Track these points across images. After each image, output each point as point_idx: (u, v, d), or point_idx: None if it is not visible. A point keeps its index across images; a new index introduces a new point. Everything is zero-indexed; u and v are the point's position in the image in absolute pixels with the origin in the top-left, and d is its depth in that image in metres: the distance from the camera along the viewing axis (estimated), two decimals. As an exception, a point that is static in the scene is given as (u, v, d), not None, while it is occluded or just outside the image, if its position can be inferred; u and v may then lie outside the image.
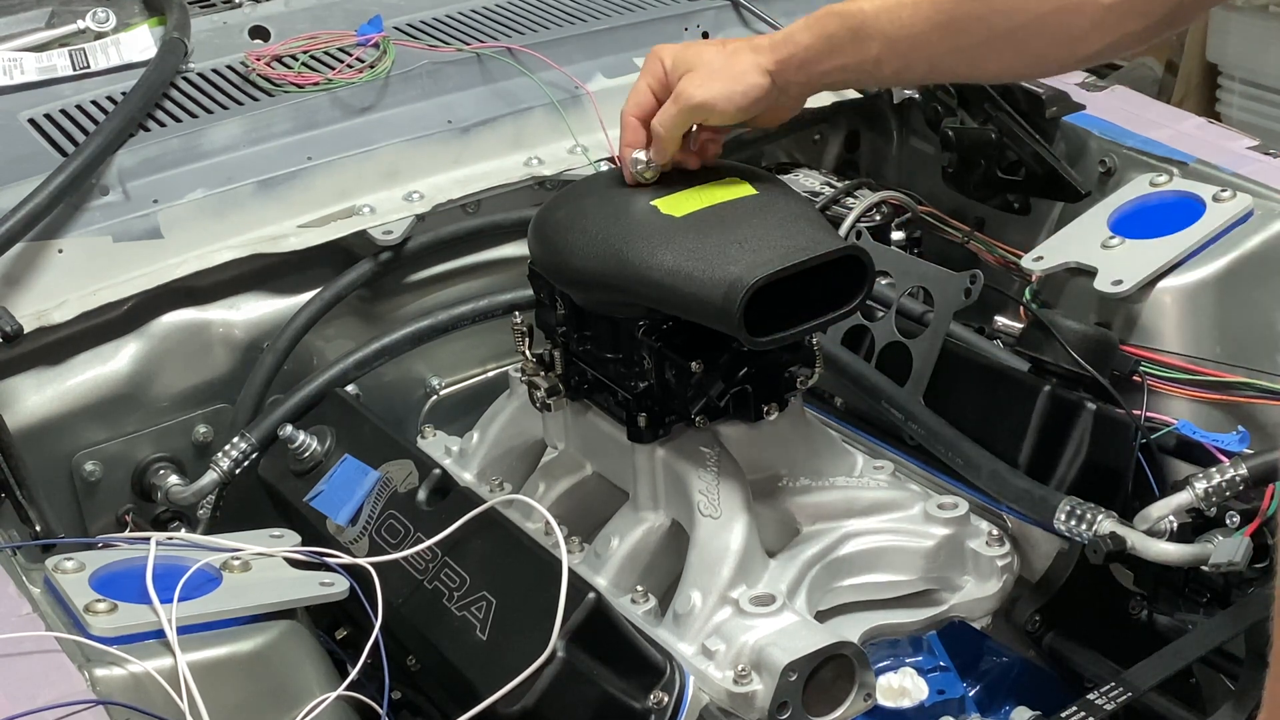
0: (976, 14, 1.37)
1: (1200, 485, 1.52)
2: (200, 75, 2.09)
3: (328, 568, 1.51)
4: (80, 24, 2.16)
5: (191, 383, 1.91)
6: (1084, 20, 1.36)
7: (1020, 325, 1.82)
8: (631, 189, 1.54)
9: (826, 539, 1.58)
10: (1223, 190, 1.87)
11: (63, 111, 2.01)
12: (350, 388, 1.90)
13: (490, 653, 1.45)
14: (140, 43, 2.13)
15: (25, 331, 1.75)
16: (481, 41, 2.18)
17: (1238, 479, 1.51)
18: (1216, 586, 1.61)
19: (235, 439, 1.81)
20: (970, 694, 1.59)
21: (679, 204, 1.50)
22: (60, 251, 1.83)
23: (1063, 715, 1.43)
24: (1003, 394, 1.72)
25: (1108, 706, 1.43)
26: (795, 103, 1.57)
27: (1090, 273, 1.84)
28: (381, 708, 1.39)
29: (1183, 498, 1.52)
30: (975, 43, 1.39)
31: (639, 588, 1.55)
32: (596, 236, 1.49)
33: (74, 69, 2.08)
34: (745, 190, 1.52)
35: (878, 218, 2.09)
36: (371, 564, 1.50)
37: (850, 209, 2.08)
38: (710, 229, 1.45)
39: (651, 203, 1.50)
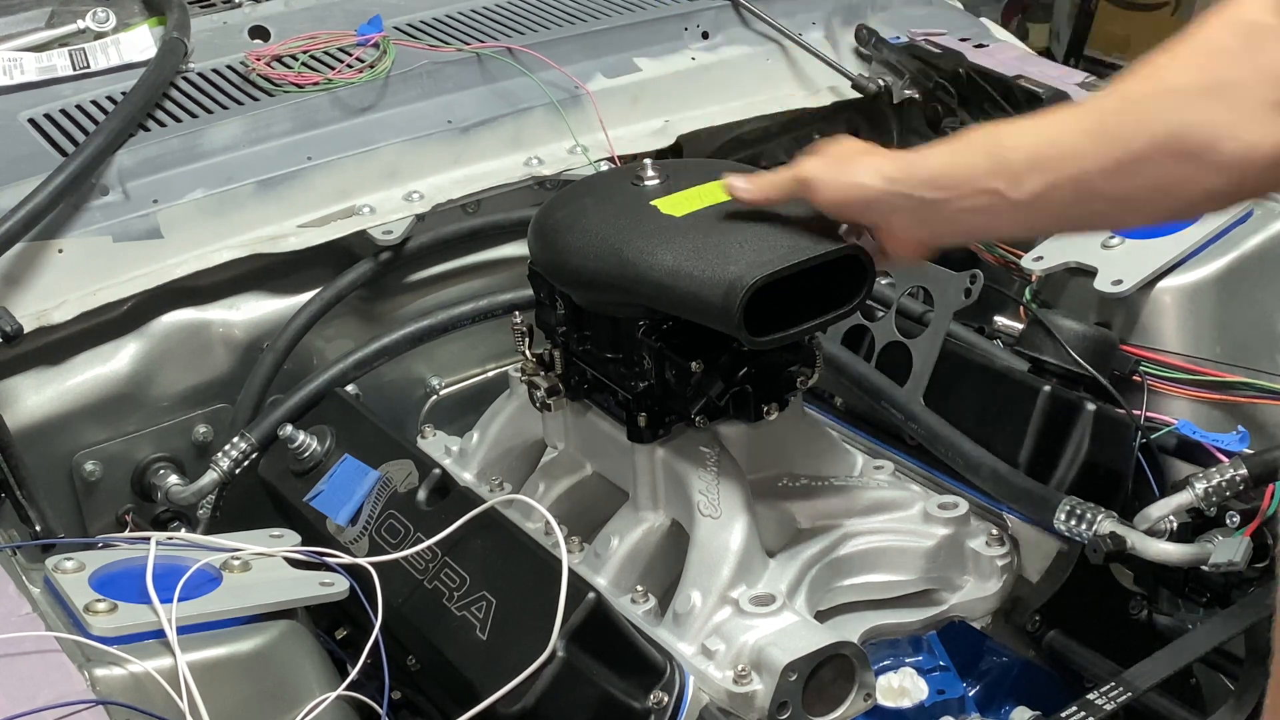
0: (1137, 117, 1.20)
1: (1200, 485, 1.51)
2: (200, 75, 2.09)
3: (328, 568, 1.51)
4: (80, 24, 2.17)
5: (191, 383, 1.91)
6: (1252, 121, 1.15)
7: (1020, 325, 1.82)
8: (632, 189, 1.54)
9: (826, 539, 1.58)
10: (1223, 190, 1.87)
11: (63, 111, 2.01)
12: (350, 388, 1.90)
13: (490, 653, 1.45)
14: (140, 43, 2.13)
15: (25, 331, 1.75)
16: (481, 41, 2.18)
17: (1238, 479, 1.51)
18: (1216, 586, 1.61)
19: (235, 439, 1.81)
20: (970, 694, 1.59)
21: (679, 204, 1.49)
22: (60, 251, 1.83)
23: (1063, 715, 1.43)
24: (1003, 394, 1.72)
25: (1108, 706, 1.44)
26: (914, 229, 1.38)
27: (1090, 273, 1.84)
28: (381, 708, 1.39)
29: (1183, 498, 1.52)
30: (1131, 153, 1.20)
31: (639, 588, 1.55)
32: (596, 236, 1.49)
33: (74, 69, 2.09)
34: None
35: (878, 218, 2.09)
36: (371, 564, 1.50)
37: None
38: (710, 229, 1.45)
39: (651, 203, 1.50)
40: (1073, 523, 1.54)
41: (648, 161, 1.57)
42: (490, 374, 2.07)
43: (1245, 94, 1.16)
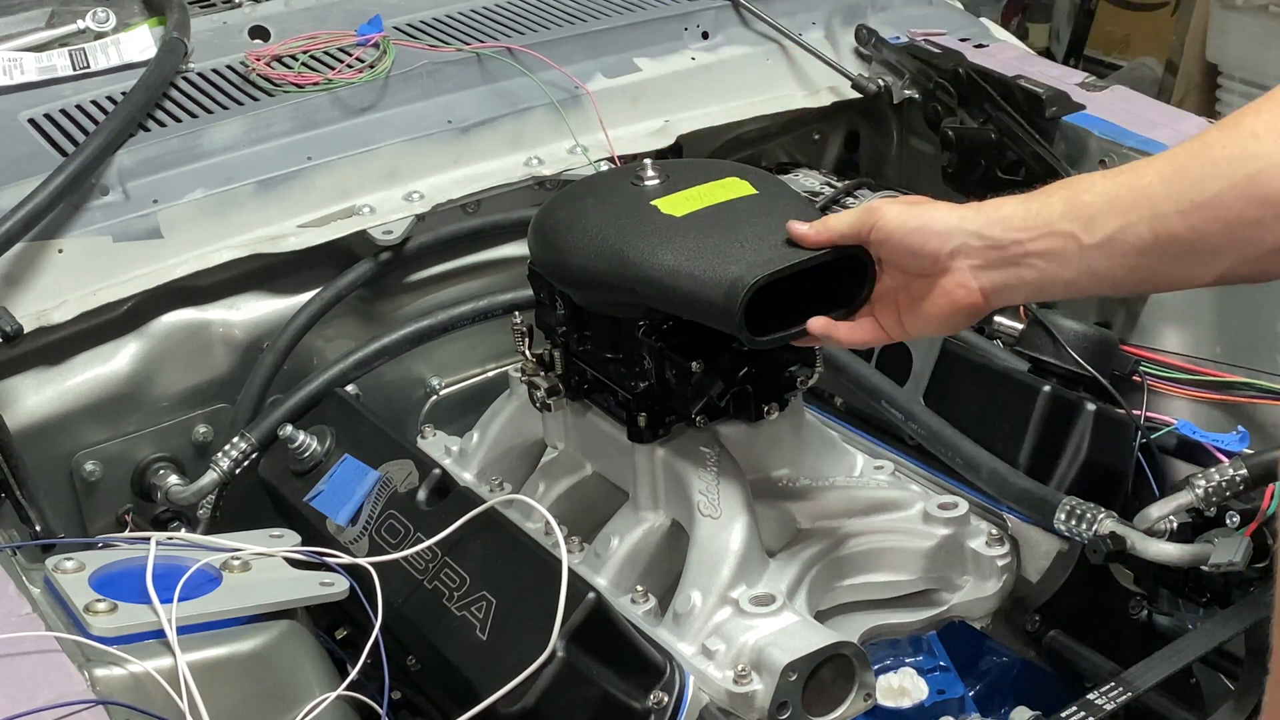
0: (1214, 160, 1.20)
1: (1200, 485, 1.51)
2: (200, 75, 2.09)
3: (328, 568, 1.51)
4: (80, 24, 2.16)
5: (191, 383, 1.91)
6: None
7: (1020, 325, 1.82)
8: (632, 189, 1.54)
9: (826, 539, 1.58)
10: (1223, 190, 1.87)
11: (63, 111, 2.01)
12: (350, 388, 1.90)
13: (490, 653, 1.45)
14: (140, 43, 2.13)
15: (25, 331, 1.75)
16: (481, 41, 2.18)
17: (1238, 479, 1.51)
18: (1216, 586, 1.61)
19: (235, 439, 1.81)
20: (970, 694, 1.59)
21: (679, 204, 1.49)
22: (60, 251, 1.83)
23: (1063, 715, 1.43)
24: (1003, 394, 1.72)
25: (1108, 706, 1.44)
26: (967, 278, 1.34)
27: (1090, 272, 1.84)
28: (381, 708, 1.39)
29: (1183, 498, 1.52)
30: (1205, 198, 1.20)
31: (639, 588, 1.55)
32: (597, 236, 1.49)
33: (74, 69, 2.09)
34: (745, 190, 1.52)
35: (878, 218, 2.09)
36: (371, 564, 1.50)
37: (850, 209, 2.08)
38: (711, 229, 1.45)
39: (652, 203, 1.50)
40: (1073, 523, 1.54)
41: (648, 161, 1.57)
42: (490, 374, 2.07)
43: None
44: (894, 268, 1.39)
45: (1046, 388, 1.69)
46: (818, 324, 1.41)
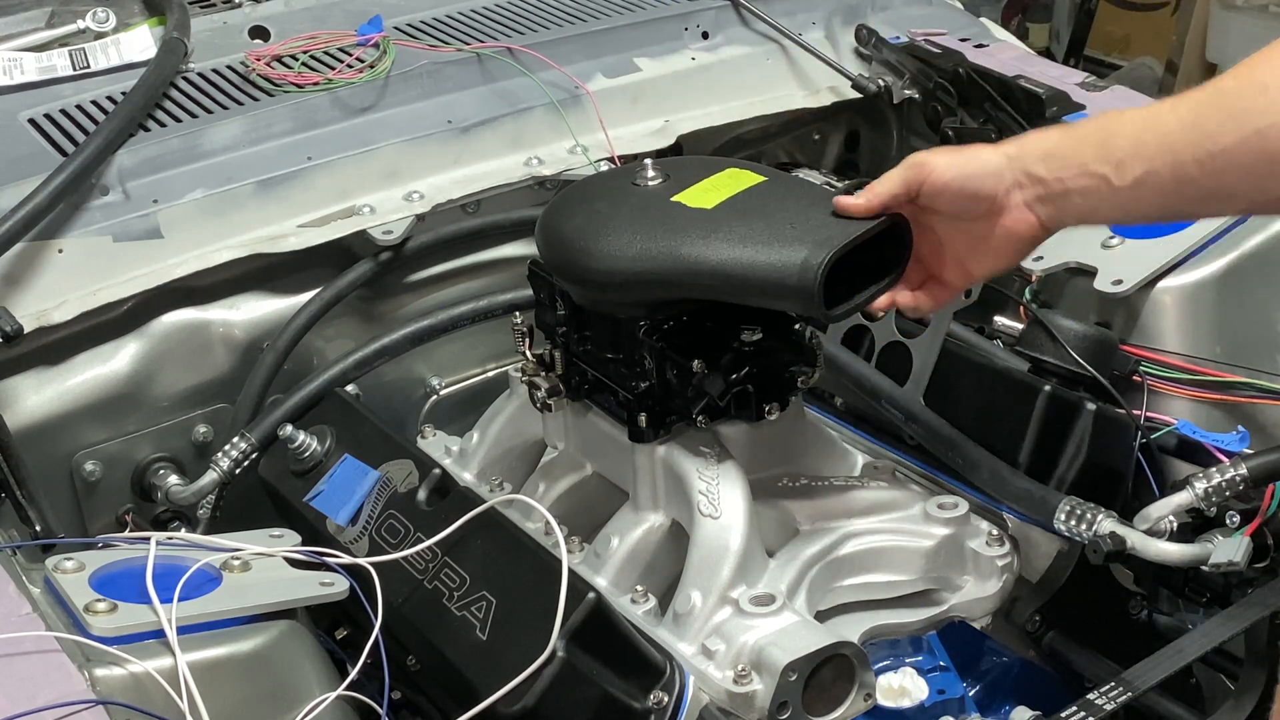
0: (1228, 112, 1.26)
1: (1200, 485, 1.51)
2: (200, 75, 2.09)
3: (328, 568, 1.51)
4: (80, 24, 2.16)
5: (191, 383, 1.91)
6: None
7: (1020, 325, 1.82)
8: (641, 189, 1.54)
9: (826, 539, 1.58)
10: (1223, 190, 1.87)
11: (63, 111, 2.01)
12: (350, 388, 1.90)
13: (490, 653, 1.45)
14: (140, 43, 2.13)
15: (25, 331, 1.75)
16: (481, 41, 2.18)
17: (1238, 479, 1.51)
18: (1216, 586, 1.61)
19: (235, 439, 1.81)
20: (970, 694, 1.59)
21: (702, 198, 1.50)
22: (60, 251, 1.83)
23: (1063, 715, 1.43)
24: (1003, 394, 1.72)
25: (1108, 706, 1.43)
26: (1025, 212, 1.39)
27: (1090, 273, 1.84)
28: (381, 708, 1.39)
29: (1183, 498, 1.52)
30: (1220, 148, 1.25)
31: (639, 588, 1.55)
32: (635, 237, 1.48)
33: (74, 69, 2.09)
34: (754, 178, 1.53)
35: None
36: (371, 564, 1.50)
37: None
38: (749, 216, 1.46)
39: (674, 199, 1.50)
40: (1073, 523, 1.54)
41: (648, 162, 1.57)
42: (490, 374, 2.07)
43: None
44: (951, 216, 1.43)
45: (1046, 388, 1.69)
46: (883, 302, 1.46)
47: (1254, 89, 1.24)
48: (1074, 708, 1.43)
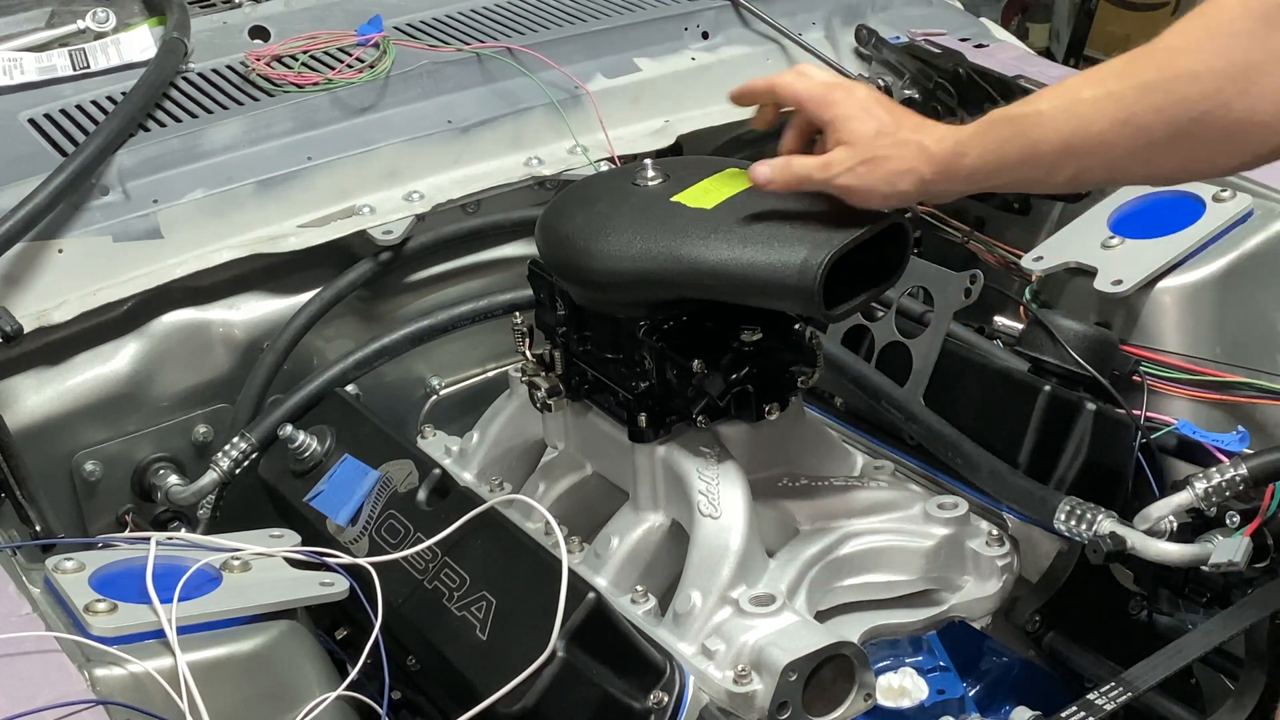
0: (1158, 105, 1.24)
1: (1200, 485, 1.51)
2: (200, 75, 2.09)
3: (328, 568, 1.51)
4: (80, 24, 2.16)
5: (191, 383, 1.91)
6: (1268, 104, 1.21)
7: (1020, 325, 1.82)
8: (641, 189, 1.54)
9: (826, 539, 1.58)
10: (1222, 190, 1.87)
11: (63, 111, 2.01)
12: (350, 388, 1.90)
13: (490, 653, 1.45)
14: (140, 43, 2.13)
15: (25, 331, 1.75)
16: (481, 41, 2.18)
17: (1238, 479, 1.51)
18: (1216, 586, 1.61)
19: (235, 439, 1.81)
20: (970, 694, 1.59)
21: (702, 198, 1.50)
22: (60, 251, 1.83)
23: (1063, 715, 1.43)
24: (1003, 394, 1.72)
25: (1108, 706, 1.43)
26: (946, 199, 1.52)
27: (1090, 273, 1.84)
28: (381, 708, 1.39)
29: (1183, 498, 1.52)
30: (1155, 140, 1.26)
31: (639, 588, 1.55)
32: (635, 237, 1.48)
33: (74, 69, 2.09)
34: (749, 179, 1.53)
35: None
36: (371, 564, 1.50)
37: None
38: (748, 216, 1.46)
39: (673, 199, 1.50)
40: (1073, 523, 1.54)
41: (648, 162, 1.57)
42: (490, 374, 2.07)
43: (1264, 80, 1.20)
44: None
45: (1046, 388, 1.69)
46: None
47: (1183, 80, 1.23)
48: (1074, 708, 1.43)
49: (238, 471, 1.80)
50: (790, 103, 1.50)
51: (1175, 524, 1.52)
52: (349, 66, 2.08)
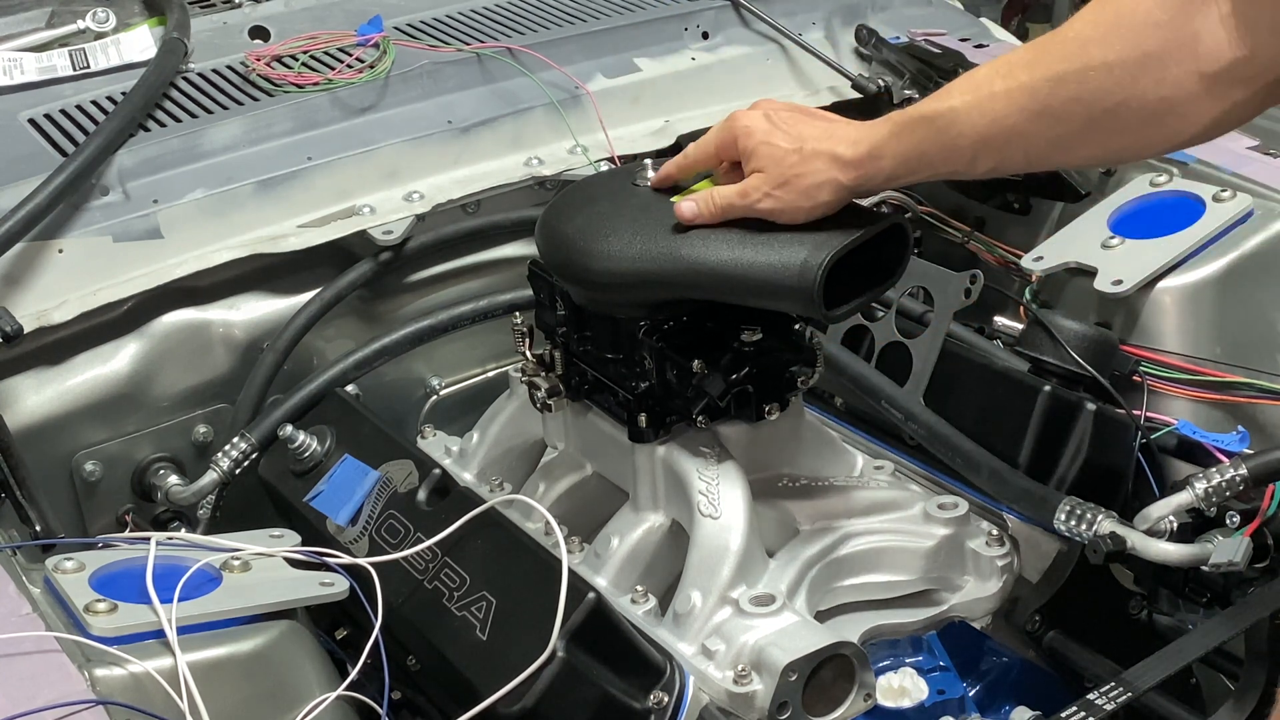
0: (1072, 97, 1.25)
1: (1200, 485, 1.51)
2: (200, 75, 2.09)
3: (328, 568, 1.51)
4: (80, 24, 2.16)
5: (191, 383, 1.91)
6: (1183, 92, 1.22)
7: (1020, 325, 1.82)
8: (640, 191, 1.55)
9: (826, 539, 1.58)
10: (1223, 190, 1.88)
11: (63, 111, 2.01)
12: (350, 388, 1.90)
13: (490, 653, 1.45)
14: (140, 43, 2.13)
15: (25, 331, 1.75)
16: (481, 41, 2.18)
17: (1238, 479, 1.51)
18: (1216, 586, 1.60)
19: (235, 439, 1.81)
20: (970, 694, 1.59)
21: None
22: (60, 251, 1.83)
23: (1063, 715, 1.43)
24: (1003, 394, 1.72)
25: (1108, 706, 1.43)
26: (873, 195, 1.54)
27: (1090, 273, 1.84)
28: (381, 708, 1.39)
29: (1183, 498, 1.52)
30: (1073, 130, 1.28)
31: (639, 588, 1.55)
32: (635, 238, 1.48)
33: (74, 69, 2.09)
34: None
35: (878, 218, 2.09)
36: (371, 564, 1.50)
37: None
38: (747, 218, 1.46)
39: (674, 200, 1.51)
40: (1073, 523, 1.54)
41: (648, 162, 1.58)
42: (490, 374, 2.07)
43: (1178, 68, 1.20)
44: None
45: (1046, 388, 1.69)
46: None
47: (1096, 71, 1.24)
48: (1074, 708, 1.43)
49: (238, 471, 1.80)
50: (711, 164, 1.51)
51: (1175, 524, 1.52)
52: (349, 66, 2.08)
